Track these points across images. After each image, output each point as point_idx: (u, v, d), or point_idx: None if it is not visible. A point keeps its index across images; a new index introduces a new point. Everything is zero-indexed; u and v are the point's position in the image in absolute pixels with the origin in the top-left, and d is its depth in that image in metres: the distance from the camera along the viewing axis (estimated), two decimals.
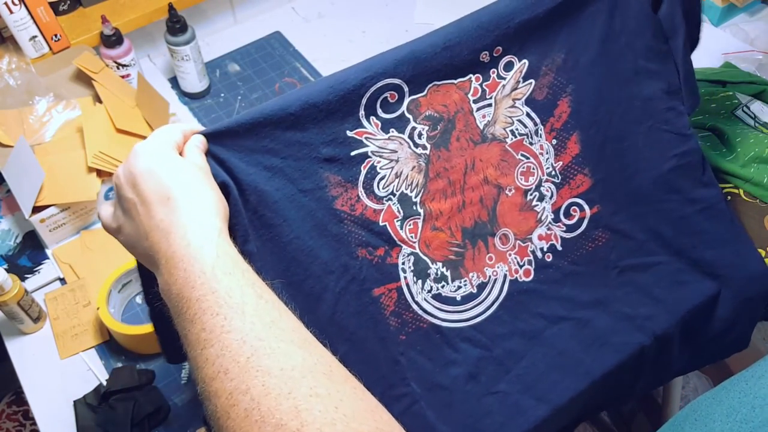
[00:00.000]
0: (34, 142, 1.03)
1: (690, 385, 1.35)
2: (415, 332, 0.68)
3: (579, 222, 0.75)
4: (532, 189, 0.73)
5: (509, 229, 0.72)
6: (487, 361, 0.71)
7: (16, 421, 1.35)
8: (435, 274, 0.69)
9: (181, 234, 0.47)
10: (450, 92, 0.68)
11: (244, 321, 0.43)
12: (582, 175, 0.75)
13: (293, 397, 0.39)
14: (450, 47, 0.65)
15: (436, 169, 0.68)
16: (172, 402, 0.87)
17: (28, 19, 1.07)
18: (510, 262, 0.72)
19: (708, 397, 0.42)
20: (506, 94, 0.70)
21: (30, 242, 1.03)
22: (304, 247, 0.62)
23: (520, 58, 0.70)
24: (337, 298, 0.64)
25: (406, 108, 0.66)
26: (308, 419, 0.38)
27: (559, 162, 0.74)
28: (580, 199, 0.75)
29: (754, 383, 0.40)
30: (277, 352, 0.41)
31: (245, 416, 0.39)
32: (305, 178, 0.62)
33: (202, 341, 0.43)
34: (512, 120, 0.71)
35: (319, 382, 0.40)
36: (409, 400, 0.67)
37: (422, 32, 0.65)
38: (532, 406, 0.71)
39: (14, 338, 0.94)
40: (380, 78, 0.63)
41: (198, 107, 1.22)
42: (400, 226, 0.67)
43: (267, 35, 1.36)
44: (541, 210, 0.73)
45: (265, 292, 0.46)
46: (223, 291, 0.44)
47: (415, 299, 0.68)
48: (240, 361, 0.41)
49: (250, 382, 0.40)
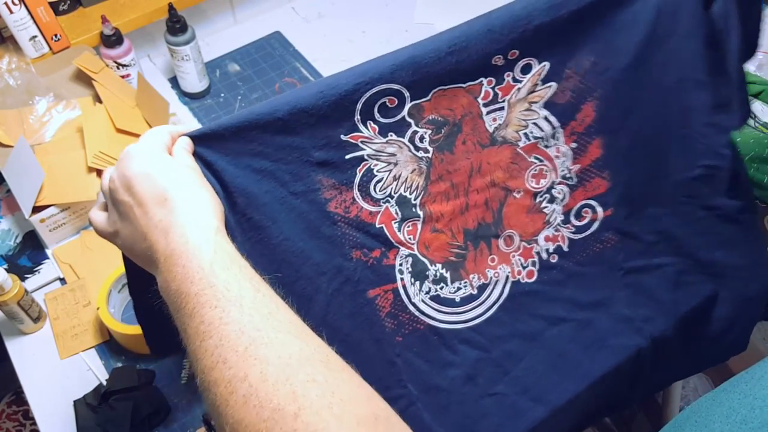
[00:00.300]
0: (34, 142, 1.03)
1: (690, 385, 1.35)
2: (412, 334, 0.68)
3: (590, 223, 0.74)
4: (542, 191, 0.72)
5: (515, 230, 0.71)
6: (485, 363, 0.71)
7: (16, 421, 1.35)
8: (434, 275, 0.69)
9: (179, 233, 0.48)
10: (458, 96, 0.66)
11: (242, 313, 0.43)
12: (600, 179, 0.73)
13: (291, 383, 0.39)
14: (455, 52, 0.63)
15: (438, 171, 0.67)
16: (172, 402, 0.87)
17: (28, 19, 1.07)
18: (513, 264, 0.72)
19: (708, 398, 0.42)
20: (521, 97, 0.68)
21: (30, 242, 1.03)
22: (294, 248, 0.61)
23: (540, 61, 0.67)
24: (330, 300, 0.64)
25: (407, 113, 0.64)
26: (305, 403, 0.38)
27: (577, 165, 0.72)
28: (594, 201, 0.74)
29: (754, 384, 0.40)
30: (274, 342, 0.42)
31: (244, 402, 0.39)
32: (296, 180, 0.61)
33: (201, 333, 0.43)
34: (527, 123, 0.70)
35: (316, 370, 0.41)
36: (406, 401, 0.67)
37: (422, 32, 0.64)
38: (530, 407, 0.70)
39: (14, 338, 0.94)
40: (376, 83, 0.61)
41: (198, 107, 1.22)
42: (398, 228, 0.66)
43: (267, 35, 1.36)
44: (551, 212, 0.72)
45: (262, 286, 0.47)
46: (221, 285, 0.45)
47: (412, 300, 0.68)
48: (238, 351, 0.41)
49: (249, 370, 0.40)
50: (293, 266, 0.62)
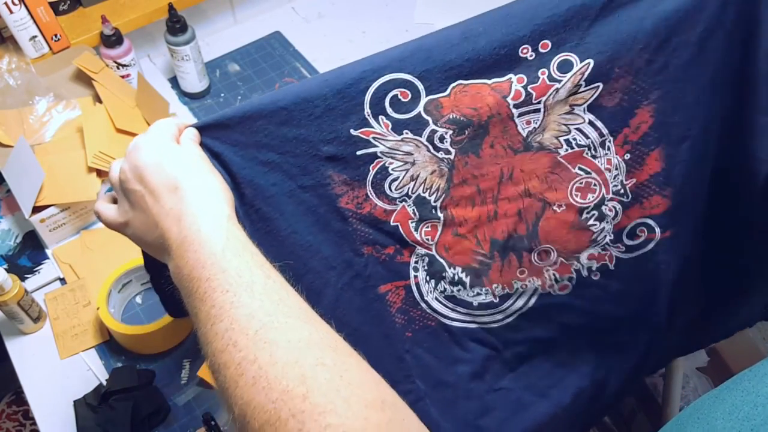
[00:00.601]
0: (34, 142, 1.03)
1: (690, 385, 1.35)
2: (422, 330, 0.67)
3: (645, 243, 0.67)
4: (590, 207, 0.65)
5: (553, 246, 0.66)
6: (494, 361, 0.70)
7: (16, 421, 1.35)
8: (452, 277, 0.67)
9: (191, 220, 0.49)
10: (482, 94, 0.60)
11: (253, 298, 0.44)
12: (660, 197, 0.65)
13: (300, 366, 0.40)
14: (470, 38, 0.58)
15: (462, 175, 0.63)
16: (172, 402, 0.87)
17: (28, 19, 1.07)
18: (546, 278, 0.67)
19: (711, 396, 0.42)
20: (561, 98, 0.61)
21: (30, 242, 1.03)
22: (302, 242, 0.61)
23: (582, 58, 0.59)
24: (339, 294, 0.63)
25: (423, 109, 0.60)
26: (314, 385, 0.39)
27: (632, 180, 0.64)
28: (651, 221, 0.66)
29: (756, 382, 0.40)
30: (284, 326, 0.43)
31: (253, 383, 0.40)
32: (305, 174, 0.60)
33: (212, 317, 0.44)
34: (568, 128, 0.62)
35: (325, 354, 0.42)
36: (414, 397, 0.67)
37: (422, 32, 0.59)
38: (534, 402, 0.70)
39: (14, 338, 0.94)
40: (383, 72, 0.58)
41: (198, 107, 1.22)
42: (415, 227, 0.64)
43: (267, 35, 1.36)
44: (599, 230, 0.66)
45: (273, 273, 0.48)
46: (233, 270, 0.46)
47: (424, 298, 0.67)
48: (248, 334, 0.42)
49: (258, 352, 0.41)
50: (302, 259, 0.61)
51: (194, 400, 0.88)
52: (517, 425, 0.71)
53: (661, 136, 0.63)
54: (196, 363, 0.90)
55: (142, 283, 0.98)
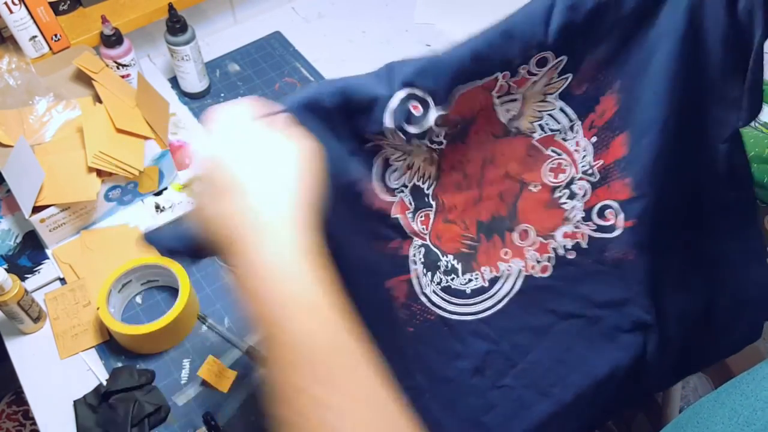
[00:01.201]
0: (34, 142, 1.03)
1: (690, 385, 1.35)
2: (423, 324, 0.68)
3: (612, 227, 0.71)
4: (561, 186, 0.69)
5: (530, 225, 0.70)
6: (494, 355, 0.71)
7: (16, 421, 1.35)
8: (445, 266, 0.68)
9: (257, 241, 0.44)
10: (476, 95, 0.63)
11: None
12: (622, 184, 0.69)
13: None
14: (477, 60, 0.60)
15: (450, 161, 0.66)
16: (172, 402, 0.87)
17: (28, 19, 1.07)
18: (527, 258, 0.71)
19: (710, 400, 0.42)
20: (537, 90, 0.66)
21: (30, 242, 1.03)
22: (345, 243, 0.58)
23: (557, 55, 0.63)
24: (359, 295, 0.61)
25: (433, 123, 0.61)
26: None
27: (599, 161, 0.69)
28: (617, 204, 0.70)
29: (756, 386, 0.39)
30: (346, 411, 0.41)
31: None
32: (341, 175, 0.57)
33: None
34: (541, 114, 0.67)
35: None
36: (414, 393, 0.67)
37: (422, 32, 0.61)
38: (536, 400, 0.71)
39: (14, 338, 0.94)
40: (401, 88, 0.57)
41: (198, 107, 1.22)
42: (412, 218, 0.66)
43: (267, 35, 1.36)
44: (570, 208, 0.70)
45: (341, 333, 0.44)
46: (298, 334, 0.43)
47: (423, 291, 0.68)
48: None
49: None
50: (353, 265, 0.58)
51: (194, 400, 0.88)
52: (520, 423, 0.71)
53: (626, 123, 0.67)
54: (196, 363, 0.90)
55: (142, 283, 0.98)
